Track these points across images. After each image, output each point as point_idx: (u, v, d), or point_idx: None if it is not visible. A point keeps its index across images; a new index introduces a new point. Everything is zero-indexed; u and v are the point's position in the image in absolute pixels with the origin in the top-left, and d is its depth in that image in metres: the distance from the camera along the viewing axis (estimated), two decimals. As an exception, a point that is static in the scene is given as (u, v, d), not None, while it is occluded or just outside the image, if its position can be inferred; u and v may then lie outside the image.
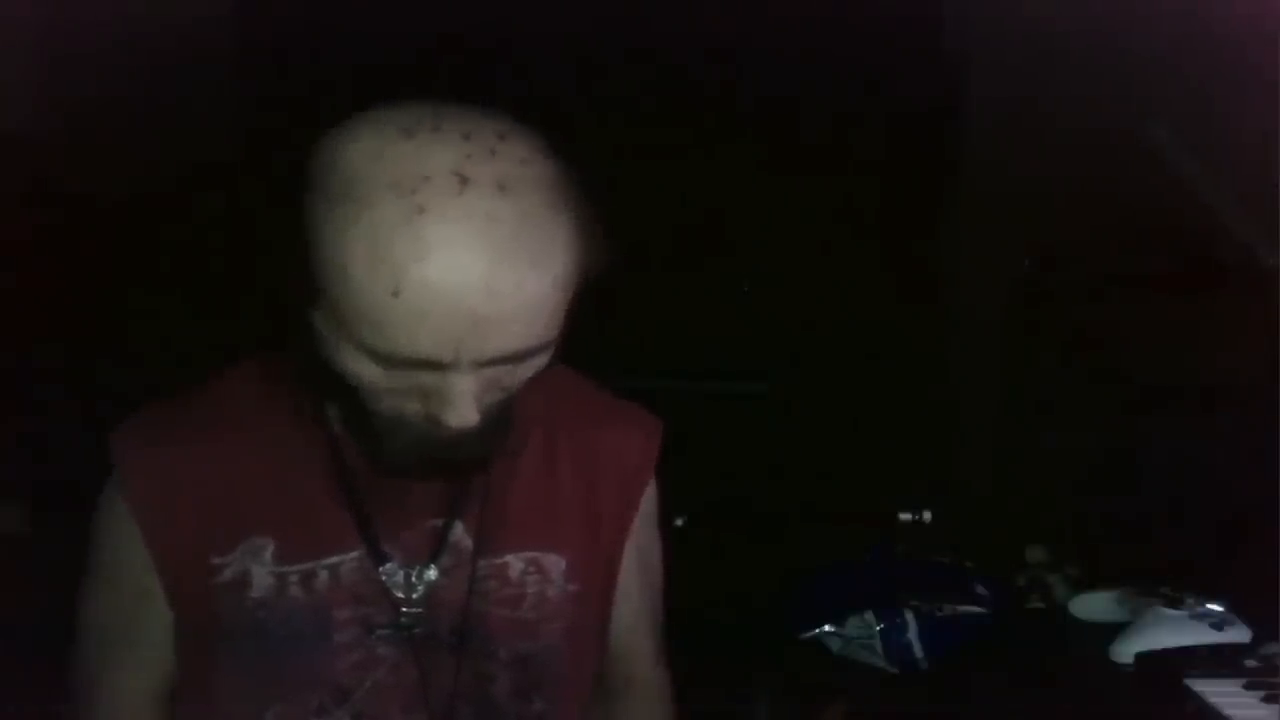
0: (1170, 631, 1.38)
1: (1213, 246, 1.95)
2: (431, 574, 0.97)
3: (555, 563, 1.01)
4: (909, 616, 1.58)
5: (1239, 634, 1.37)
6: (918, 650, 1.57)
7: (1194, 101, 1.89)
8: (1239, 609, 1.40)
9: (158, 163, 2.07)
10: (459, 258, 0.77)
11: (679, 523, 2.01)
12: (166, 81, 2.09)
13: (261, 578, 0.94)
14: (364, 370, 0.83)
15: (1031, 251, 2.15)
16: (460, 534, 0.98)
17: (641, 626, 1.11)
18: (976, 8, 2.16)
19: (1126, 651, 1.38)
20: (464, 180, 0.78)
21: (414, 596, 0.96)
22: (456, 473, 0.92)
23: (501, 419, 0.90)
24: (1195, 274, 1.98)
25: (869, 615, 1.60)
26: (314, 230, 0.80)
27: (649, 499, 1.09)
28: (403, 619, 0.95)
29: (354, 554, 0.96)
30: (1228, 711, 1.16)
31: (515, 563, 0.99)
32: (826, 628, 1.63)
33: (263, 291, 0.89)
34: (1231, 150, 1.85)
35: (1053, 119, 2.09)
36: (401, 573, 0.96)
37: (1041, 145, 2.12)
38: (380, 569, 0.95)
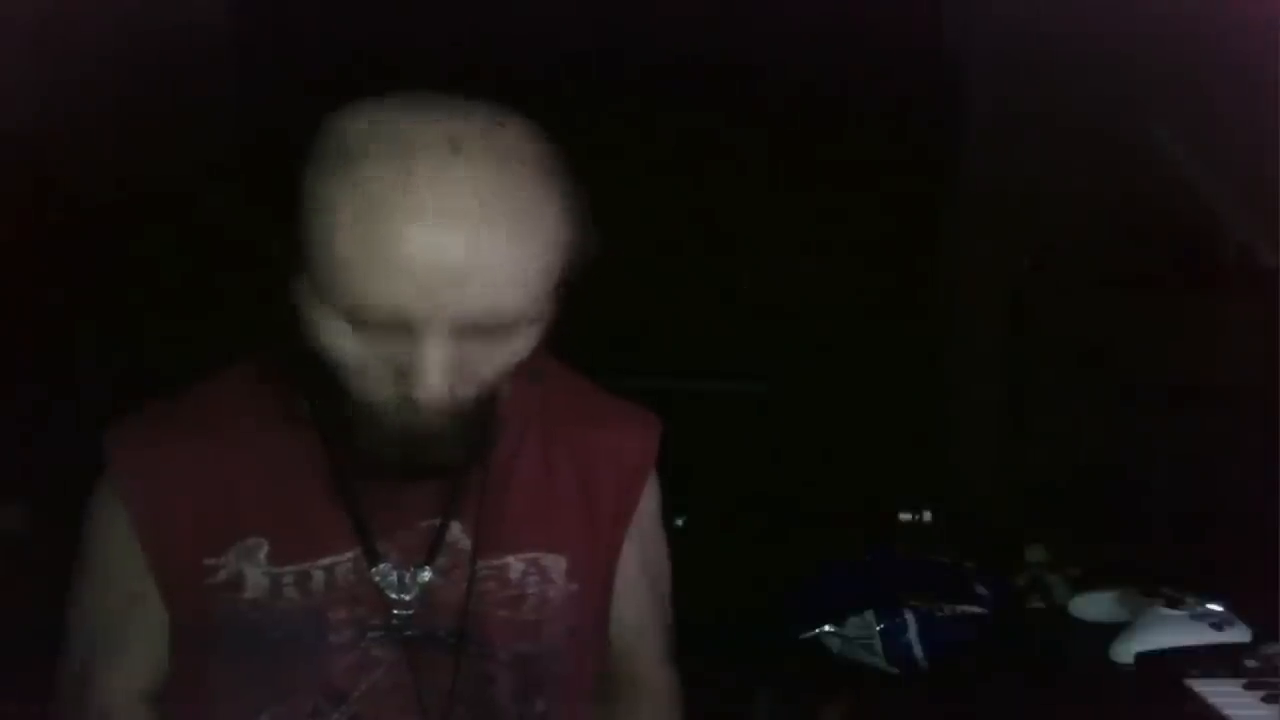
0: (1170, 631, 1.38)
1: (1213, 246, 1.95)
2: (426, 575, 0.96)
3: (556, 563, 1.01)
4: (909, 616, 1.58)
5: (1239, 634, 1.37)
6: (918, 650, 1.57)
7: (1194, 101, 1.89)
8: (1239, 609, 1.39)
9: (158, 162, 2.07)
10: (444, 210, 0.79)
11: (679, 523, 2.01)
12: (165, 80, 2.09)
13: (255, 579, 0.94)
14: (341, 341, 0.84)
15: (1031, 252, 2.15)
16: (458, 534, 0.98)
17: (647, 626, 1.10)
18: (976, 8, 2.15)
19: (1126, 651, 1.38)
20: (457, 149, 0.81)
21: (407, 597, 0.95)
22: (431, 473, 0.92)
23: (479, 419, 0.90)
24: (1195, 274, 1.98)
25: (869, 615, 1.60)
26: (308, 195, 0.82)
27: (650, 497, 1.09)
28: (394, 620, 0.95)
29: (349, 555, 0.95)
30: (1228, 711, 1.16)
31: (515, 564, 0.99)
32: (826, 628, 1.63)
33: (256, 271, 0.90)
34: (1231, 150, 1.85)
35: (1052, 119, 2.09)
36: (396, 573, 0.96)
37: (1041, 145, 2.12)
38: (373, 569, 0.95)
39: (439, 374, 0.83)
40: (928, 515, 2.09)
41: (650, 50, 2.13)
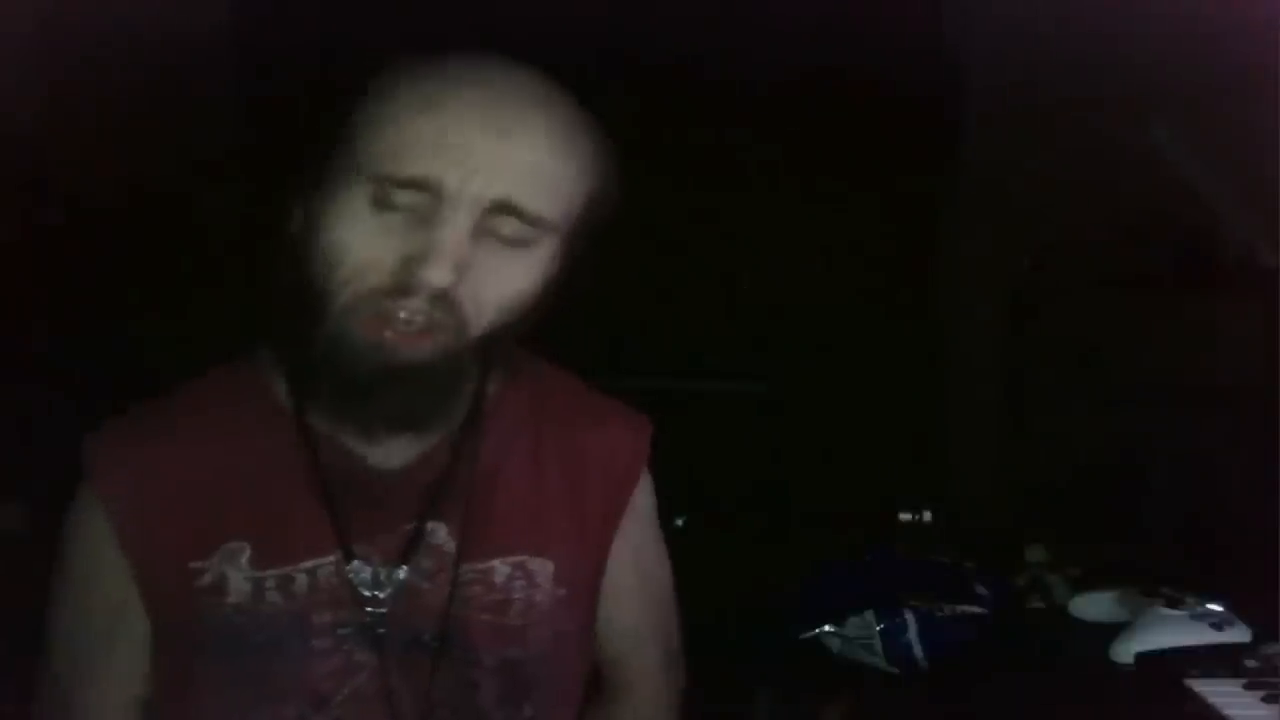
0: (1170, 631, 1.38)
1: (1213, 246, 1.95)
2: (402, 573, 0.95)
3: (543, 567, 0.99)
4: (909, 616, 1.58)
5: (1239, 634, 1.36)
6: (918, 650, 1.57)
7: (1194, 101, 1.89)
8: (1239, 609, 1.39)
9: (158, 162, 2.07)
10: (496, 92, 0.86)
11: (679, 523, 2.01)
12: (166, 80, 2.09)
13: (238, 583, 0.93)
14: (356, 227, 0.85)
15: (1030, 252, 2.15)
16: (444, 537, 0.96)
17: (642, 632, 1.09)
18: (976, 8, 2.15)
19: (1126, 651, 1.38)
20: (515, 66, 0.90)
21: (381, 595, 0.94)
22: (404, 422, 0.92)
23: (453, 380, 0.91)
24: (1195, 274, 1.98)
25: (869, 615, 1.59)
26: (360, 95, 0.88)
27: (643, 499, 1.08)
28: (367, 618, 0.94)
29: (331, 558, 0.94)
30: (1228, 711, 1.16)
31: (501, 568, 0.97)
32: (826, 628, 1.62)
33: (254, 268, 0.91)
34: (1231, 150, 1.85)
35: (1052, 118, 2.09)
36: (369, 570, 0.94)
37: (1041, 145, 2.12)
38: (348, 567, 0.94)
39: (452, 254, 0.84)
40: (928, 515, 2.09)
41: (649, 51, 2.13)
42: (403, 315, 0.84)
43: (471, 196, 0.84)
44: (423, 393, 0.89)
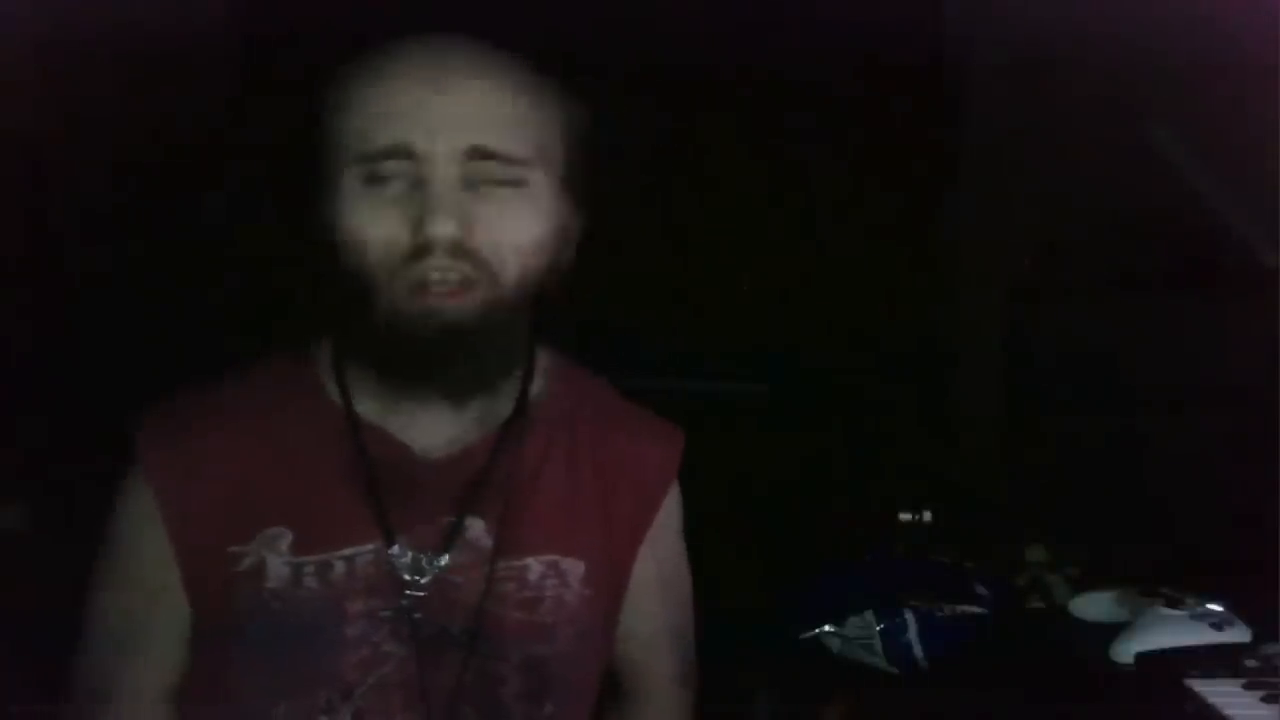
0: (1170, 631, 1.38)
1: (1213, 246, 1.95)
2: (443, 561, 0.96)
3: (574, 567, 1.00)
4: (909, 616, 1.58)
5: (1239, 634, 1.36)
6: (918, 650, 1.57)
7: (1194, 101, 1.89)
8: (1239, 609, 1.39)
9: (156, 161, 2.07)
10: (441, 58, 0.92)
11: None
12: (166, 80, 2.09)
13: (277, 568, 0.94)
14: (358, 204, 0.89)
15: (1031, 251, 2.15)
16: (480, 533, 0.98)
17: (661, 642, 1.10)
18: (977, 8, 2.15)
19: (1126, 651, 1.38)
20: (454, 43, 0.95)
21: (421, 580, 0.95)
22: (460, 388, 0.95)
23: (506, 337, 0.94)
24: (1195, 274, 1.98)
25: (869, 615, 1.59)
26: (327, 94, 0.93)
27: (670, 512, 1.09)
28: (404, 601, 0.95)
29: (370, 546, 0.96)
30: (1228, 711, 1.16)
31: (535, 565, 0.99)
32: (826, 628, 1.62)
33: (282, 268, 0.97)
34: (1231, 150, 1.85)
35: (1053, 118, 2.09)
36: (410, 555, 0.96)
37: (1041, 146, 2.12)
38: (390, 551, 0.95)
39: (446, 205, 0.88)
40: (928, 515, 2.09)
41: (649, 50, 2.13)
42: (435, 276, 0.88)
43: (444, 150, 0.88)
44: (481, 352, 0.93)
